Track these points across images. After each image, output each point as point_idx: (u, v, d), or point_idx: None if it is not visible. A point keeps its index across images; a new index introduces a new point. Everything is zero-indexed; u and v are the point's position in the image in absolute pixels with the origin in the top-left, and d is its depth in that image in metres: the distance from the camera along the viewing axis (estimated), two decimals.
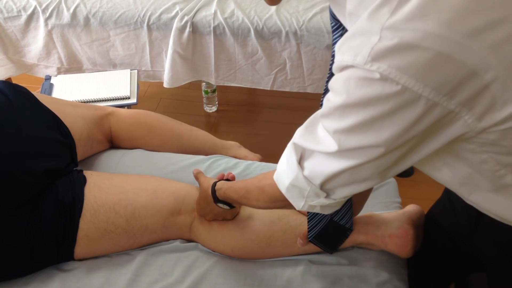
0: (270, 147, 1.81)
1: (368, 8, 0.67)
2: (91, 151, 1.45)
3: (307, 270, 1.19)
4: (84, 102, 1.88)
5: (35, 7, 2.17)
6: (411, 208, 1.26)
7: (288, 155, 0.86)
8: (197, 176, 1.27)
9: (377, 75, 0.65)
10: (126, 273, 1.19)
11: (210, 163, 1.45)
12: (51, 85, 1.99)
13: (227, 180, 1.23)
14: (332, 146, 0.75)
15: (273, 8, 2.09)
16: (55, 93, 1.95)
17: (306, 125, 0.83)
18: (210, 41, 2.11)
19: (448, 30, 0.63)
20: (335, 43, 0.90)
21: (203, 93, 2.57)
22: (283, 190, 0.90)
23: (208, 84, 2.50)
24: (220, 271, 1.20)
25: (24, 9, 2.18)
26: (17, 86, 1.33)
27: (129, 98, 1.94)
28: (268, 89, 2.20)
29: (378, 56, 0.65)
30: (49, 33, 2.21)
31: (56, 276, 1.19)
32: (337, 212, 1.11)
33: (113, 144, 1.52)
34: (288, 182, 0.87)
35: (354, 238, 1.19)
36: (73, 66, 2.29)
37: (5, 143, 1.17)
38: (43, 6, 2.17)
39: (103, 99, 1.92)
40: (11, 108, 1.24)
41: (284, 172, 0.88)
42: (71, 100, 1.70)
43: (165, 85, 2.23)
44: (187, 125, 1.57)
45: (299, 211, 1.20)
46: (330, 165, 0.78)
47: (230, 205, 1.17)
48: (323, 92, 0.97)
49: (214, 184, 1.17)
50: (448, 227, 1.13)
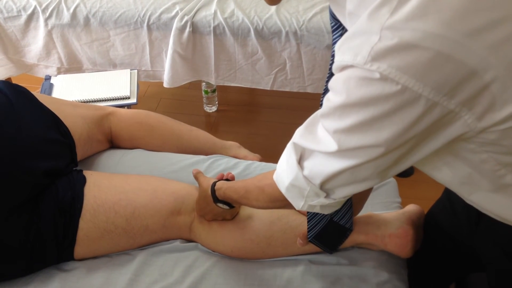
0: (270, 147, 1.80)
1: (368, 8, 0.67)
2: (91, 151, 1.45)
3: (307, 270, 1.19)
4: (84, 102, 1.88)
5: (35, 7, 2.17)
6: (411, 208, 1.26)
7: (287, 155, 0.86)
8: (197, 176, 1.27)
9: (377, 75, 0.65)
10: (126, 273, 1.19)
11: (210, 163, 1.45)
12: (51, 85, 1.99)
13: (226, 180, 1.23)
14: (332, 146, 0.75)
15: (273, 8, 2.09)
16: (55, 93, 1.95)
17: (306, 125, 0.83)
18: (210, 41, 2.11)
19: (448, 30, 0.63)
20: (335, 43, 0.90)
21: (203, 93, 2.57)
22: (283, 190, 0.90)
23: (208, 84, 2.50)
24: (220, 271, 1.20)
25: (24, 9, 2.18)
26: (17, 86, 1.33)
27: (129, 98, 1.94)
28: (268, 89, 2.19)
29: (378, 56, 0.65)
30: (49, 33, 2.20)
31: (56, 276, 1.19)
32: (337, 212, 1.11)
33: (113, 144, 1.52)
34: (288, 182, 0.87)
35: (354, 238, 1.19)
36: (73, 66, 2.29)
37: (5, 143, 1.17)
38: (43, 6, 2.17)
39: (103, 99, 1.92)
40: (11, 108, 1.24)
41: (284, 172, 0.88)
42: (71, 100, 1.70)
43: (165, 85, 2.23)
44: (187, 125, 1.57)
45: (298, 211, 1.20)
46: (330, 165, 0.78)
47: (230, 205, 1.17)
48: (323, 92, 0.97)
49: (214, 184, 1.17)
50: (448, 227, 1.13)
